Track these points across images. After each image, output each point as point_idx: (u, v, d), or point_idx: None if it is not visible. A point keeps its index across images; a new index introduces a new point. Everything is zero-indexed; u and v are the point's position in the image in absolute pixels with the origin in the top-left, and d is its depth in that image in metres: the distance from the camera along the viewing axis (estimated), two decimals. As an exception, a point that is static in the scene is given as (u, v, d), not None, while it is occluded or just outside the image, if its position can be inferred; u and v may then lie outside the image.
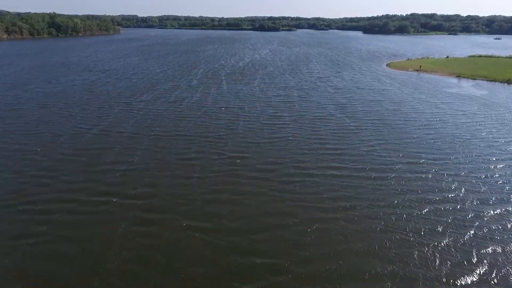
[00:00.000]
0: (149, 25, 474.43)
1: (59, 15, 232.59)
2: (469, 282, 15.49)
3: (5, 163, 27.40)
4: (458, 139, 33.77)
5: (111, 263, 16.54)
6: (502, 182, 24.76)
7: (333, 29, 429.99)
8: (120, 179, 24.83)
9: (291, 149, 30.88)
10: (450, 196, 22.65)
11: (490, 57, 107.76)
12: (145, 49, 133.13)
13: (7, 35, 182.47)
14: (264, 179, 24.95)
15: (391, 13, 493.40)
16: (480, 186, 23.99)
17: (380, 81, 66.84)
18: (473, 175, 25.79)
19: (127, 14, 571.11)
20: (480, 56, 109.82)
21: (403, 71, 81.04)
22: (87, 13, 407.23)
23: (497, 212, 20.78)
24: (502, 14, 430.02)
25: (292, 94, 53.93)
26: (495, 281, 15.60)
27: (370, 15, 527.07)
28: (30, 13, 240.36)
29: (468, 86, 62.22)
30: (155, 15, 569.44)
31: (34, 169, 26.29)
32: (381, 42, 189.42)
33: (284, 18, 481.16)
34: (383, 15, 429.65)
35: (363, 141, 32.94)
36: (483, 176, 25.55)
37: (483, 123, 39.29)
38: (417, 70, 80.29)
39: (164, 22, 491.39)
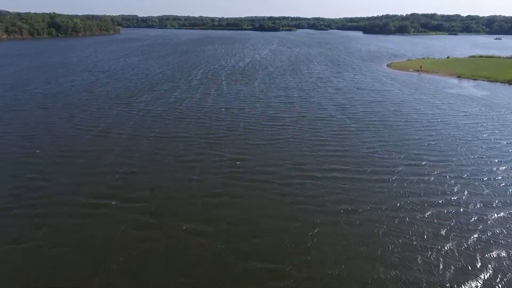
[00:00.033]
0: (149, 25, 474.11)
1: (59, 15, 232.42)
2: (473, 288, 15.25)
3: (2, 165, 27.13)
4: (460, 140, 33.51)
5: (110, 267, 16.28)
6: (505, 184, 24.50)
7: (333, 29, 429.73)
8: (119, 181, 24.58)
9: (291, 150, 30.62)
10: (453, 199, 22.39)
11: (491, 57, 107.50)
12: (145, 49, 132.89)
13: (7, 35, 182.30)
14: (265, 181, 24.70)
15: (391, 13, 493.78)
16: (483, 189, 23.72)
17: (380, 81, 66.58)
18: (476, 177, 25.53)
19: (127, 14, 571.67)
20: (481, 57, 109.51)
21: (404, 71, 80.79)
22: (87, 13, 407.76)
23: (500, 215, 20.52)
24: (502, 14, 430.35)
25: (292, 94, 53.67)
26: (500, 286, 15.34)
27: (370, 15, 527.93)
28: (30, 13, 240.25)
29: (469, 87, 61.97)
30: (155, 15, 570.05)
31: (32, 171, 26.01)
32: (381, 42, 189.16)
33: (284, 18, 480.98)
34: (383, 15, 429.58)
35: (364, 142, 32.68)
36: (486, 179, 25.28)
37: (484, 124, 39.03)
38: (418, 71, 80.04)
39: (164, 22, 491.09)
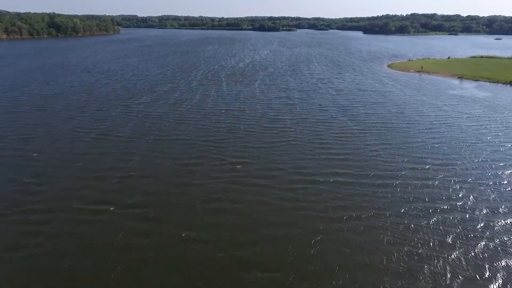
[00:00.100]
0: (149, 25, 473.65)
1: (58, 15, 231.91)
2: (482, 299, 14.79)
3: (0, 169, 26.68)
4: (463, 143, 33.04)
5: (108, 276, 15.82)
6: (511, 189, 24.03)
7: (333, 29, 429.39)
8: (118, 186, 24.10)
9: (293, 153, 30.14)
10: (458, 204, 21.92)
11: (492, 58, 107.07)
12: (144, 49, 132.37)
13: (6, 35, 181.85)
14: (266, 186, 24.22)
15: (391, 13, 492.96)
16: (489, 194, 23.25)
17: (381, 82, 66.10)
18: (481, 181, 25.06)
19: (127, 14, 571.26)
20: (482, 57, 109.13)
21: (405, 72, 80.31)
22: (86, 13, 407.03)
23: (508, 222, 20.05)
24: (503, 14, 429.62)
25: (293, 96, 53.19)
26: (509, 297, 14.89)
27: (370, 15, 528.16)
28: (29, 13, 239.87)
29: (470, 88, 61.50)
30: (155, 15, 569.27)
31: (30, 175, 25.53)
32: (381, 43, 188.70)
33: (284, 18, 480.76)
34: (383, 15, 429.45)
35: (366, 145, 32.20)
36: (491, 183, 24.81)
37: (488, 126, 38.55)
38: (419, 71, 79.57)
39: (164, 22, 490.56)
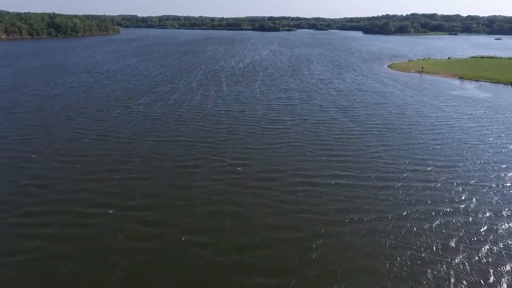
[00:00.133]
0: (149, 25, 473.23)
1: (58, 15, 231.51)
2: (486, 304, 14.59)
3: (-2, 171, 26.43)
4: (465, 144, 32.84)
5: (107, 281, 15.62)
6: (514, 191, 23.84)
7: (333, 29, 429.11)
8: (117, 188, 23.89)
9: (293, 155, 29.93)
10: (461, 207, 21.70)
11: (492, 58, 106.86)
12: (144, 49, 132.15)
13: (6, 35, 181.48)
14: (267, 188, 24.02)
15: (391, 13, 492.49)
16: (492, 196, 23.04)
17: (382, 83, 65.89)
18: (484, 183, 24.85)
19: (127, 14, 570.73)
20: (482, 57, 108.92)
21: (405, 72, 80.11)
22: (86, 13, 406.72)
23: (511, 225, 19.84)
24: (503, 14, 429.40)
25: (293, 96, 52.98)
26: (514, 302, 14.69)
27: (370, 15, 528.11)
28: (29, 13, 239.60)
29: (471, 88, 61.29)
30: (155, 15, 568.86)
31: (28, 177, 25.32)
32: (381, 43, 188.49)
33: (284, 18, 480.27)
34: (383, 15, 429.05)
35: (368, 146, 31.99)
36: (494, 185, 24.60)
37: (490, 127, 38.34)
38: (419, 72, 79.36)
39: (164, 22, 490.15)
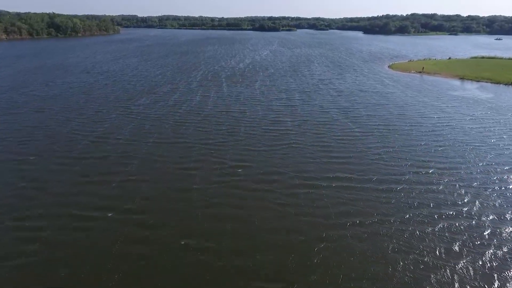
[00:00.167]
0: (149, 25, 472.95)
1: (58, 15, 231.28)
2: (491, 310, 14.34)
3: (-5, 173, 26.17)
4: (467, 146, 32.58)
5: (105, 285, 15.40)
6: (517, 194, 23.59)
7: (333, 29, 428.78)
8: (116, 190, 23.63)
9: (294, 157, 29.68)
10: (464, 210, 21.46)
11: (493, 58, 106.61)
12: (144, 50, 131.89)
13: (6, 35, 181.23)
14: (267, 190, 23.77)
15: (391, 13, 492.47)
16: (495, 199, 22.79)
17: (383, 83, 65.63)
18: (487, 186, 24.60)
19: (127, 14, 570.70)
20: (483, 57, 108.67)
21: (406, 73, 79.85)
22: (86, 13, 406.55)
23: (515, 229, 19.60)
24: (503, 14, 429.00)
25: (294, 97, 52.72)
26: (519, 308, 14.44)
27: (370, 15, 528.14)
28: (29, 13, 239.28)
29: (472, 89, 61.03)
30: (155, 15, 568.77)
31: (26, 179, 25.07)
32: (381, 43, 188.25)
33: (284, 18, 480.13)
34: (383, 15, 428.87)
35: (369, 148, 31.74)
36: (497, 188, 24.35)
37: (492, 128, 38.08)
38: (420, 72, 79.11)
39: (164, 22, 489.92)
